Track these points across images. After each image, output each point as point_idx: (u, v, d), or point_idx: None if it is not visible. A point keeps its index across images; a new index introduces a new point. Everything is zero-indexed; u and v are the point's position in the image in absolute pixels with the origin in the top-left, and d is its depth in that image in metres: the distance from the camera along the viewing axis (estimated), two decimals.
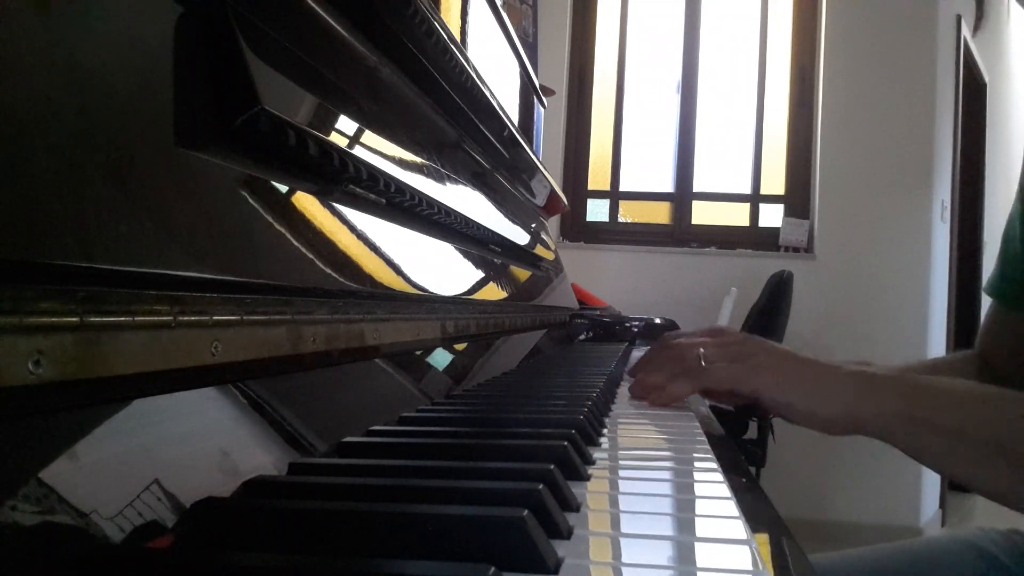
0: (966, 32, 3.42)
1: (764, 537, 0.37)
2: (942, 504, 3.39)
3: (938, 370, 0.93)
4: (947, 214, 3.33)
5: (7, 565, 0.23)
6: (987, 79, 4.01)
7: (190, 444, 0.34)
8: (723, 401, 0.75)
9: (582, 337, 1.78)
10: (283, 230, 0.42)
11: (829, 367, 0.64)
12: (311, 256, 0.45)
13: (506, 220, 1.07)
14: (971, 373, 0.90)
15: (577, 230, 3.50)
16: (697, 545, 0.33)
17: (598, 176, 3.54)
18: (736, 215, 3.47)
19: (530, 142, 1.37)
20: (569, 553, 0.30)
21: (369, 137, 0.57)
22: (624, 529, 0.36)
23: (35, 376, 0.25)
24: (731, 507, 0.38)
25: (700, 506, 0.39)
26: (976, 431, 0.58)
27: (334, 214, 0.50)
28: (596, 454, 0.50)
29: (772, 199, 3.42)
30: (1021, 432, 0.57)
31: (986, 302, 0.93)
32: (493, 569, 0.24)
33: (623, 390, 0.91)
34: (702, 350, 0.68)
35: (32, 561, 0.24)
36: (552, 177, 1.54)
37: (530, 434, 0.50)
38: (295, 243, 0.43)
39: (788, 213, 3.37)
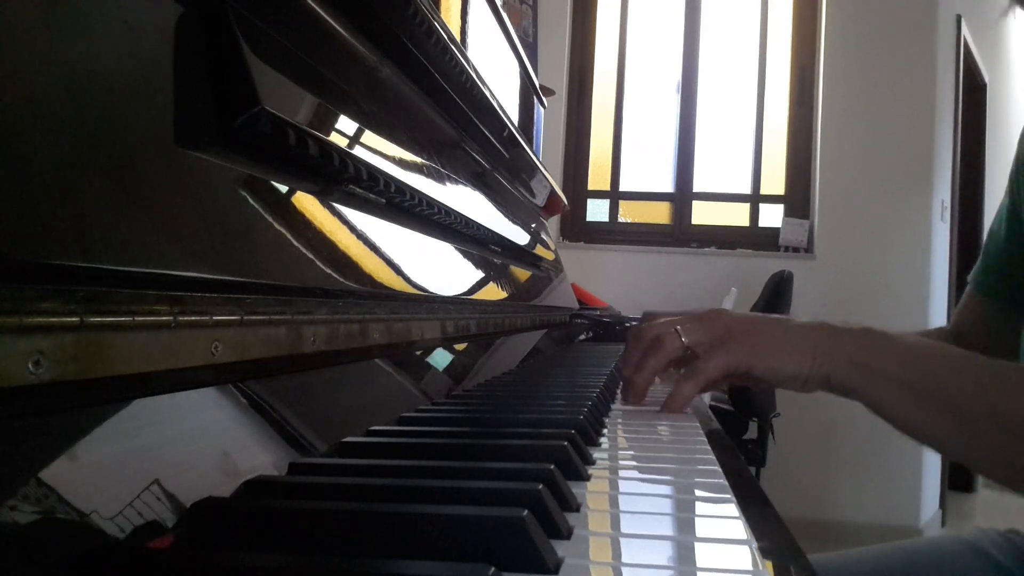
0: (966, 32, 3.42)
1: (764, 537, 0.37)
2: (942, 504, 3.39)
3: None
4: (947, 214, 3.33)
5: (7, 565, 0.23)
6: (987, 79, 4.00)
7: (190, 444, 0.34)
8: (717, 385, 0.74)
9: (582, 337, 1.78)
10: (283, 230, 0.42)
11: (795, 325, 0.65)
12: (311, 256, 0.45)
13: (506, 220, 1.07)
14: None
15: (577, 230, 3.50)
16: (697, 545, 0.33)
17: (598, 176, 3.54)
18: (736, 215, 3.46)
19: (530, 142, 1.37)
20: (569, 553, 0.30)
21: (369, 137, 0.57)
22: (624, 529, 0.36)
23: (35, 376, 0.25)
24: (731, 507, 0.38)
25: (700, 506, 0.39)
26: (930, 386, 0.59)
27: (334, 214, 0.50)
28: (596, 454, 0.50)
29: (772, 199, 3.42)
30: (973, 392, 0.58)
31: None
32: (493, 569, 0.24)
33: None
34: (679, 328, 0.67)
35: (32, 561, 0.24)
36: (552, 177, 1.54)
37: (530, 434, 0.50)
38: (295, 243, 0.43)
39: (788, 213, 3.37)
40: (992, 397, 0.58)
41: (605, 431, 0.60)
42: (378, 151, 0.58)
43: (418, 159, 0.68)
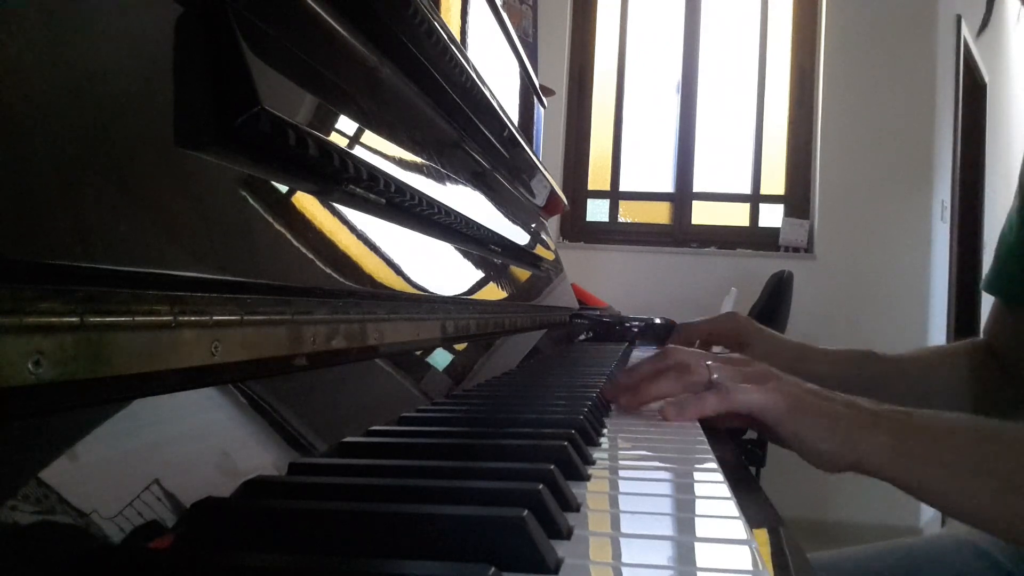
0: (966, 32, 3.42)
1: (764, 537, 0.37)
2: None
3: (942, 358, 0.94)
4: (947, 214, 3.34)
5: (7, 565, 0.23)
6: (987, 79, 4.01)
7: (190, 444, 0.34)
8: (720, 423, 0.68)
9: (582, 337, 1.78)
10: (283, 230, 0.42)
11: (828, 400, 0.61)
12: (311, 256, 0.45)
13: (506, 220, 1.07)
14: (976, 361, 0.90)
15: (577, 230, 3.50)
16: (697, 545, 0.33)
17: (598, 176, 3.54)
18: (736, 215, 3.47)
19: (530, 142, 1.37)
20: (569, 553, 0.30)
21: (369, 137, 0.57)
22: (624, 529, 0.36)
23: (35, 376, 0.25)
24: (731, 507, 0.38)
25: (700, 506, 0.39)
26: (973, 466, 0.57)
27: (334, 214, 0.50)
28: (596, 454, 0.50)
29: (772, 199, 3.42)
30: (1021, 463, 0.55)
31: (986, 301, 0.93)
32: (493, 569, 0.24)
33: None
34: (710, 364, 0.65)
35: (32, 561, 0.24)
36: (552, 177, 1.54)
37: (530, 434, 0.50)
38: (295, 243, 0.43)
39: (788, 213, 3.37)
40: None
41: (605, 431, 0.60)
42: (378, 151, 0.58)
43: (418, 159, 0.68)
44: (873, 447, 0.58)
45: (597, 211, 3.55)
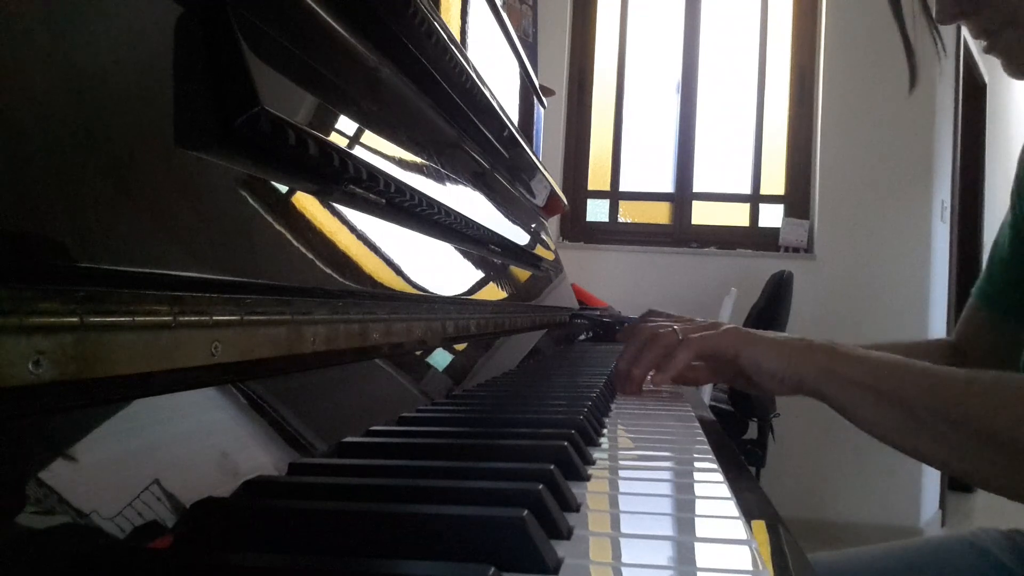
0: (966, 32, 3.41)
1: (764, 536, 0.37)
2: (942, 504, 3.39)
3: (911, 351, 0.95)
4: (947, 214, 3.33)
5: (7, 565, 0.23)
6: (987, 79, 4.00)
7: (190, 444, 0.34)
8: (700, 380, 0.82)
9: (582, 337, 1.78)
10: (283, 230, 0.42)
11: (780, 335, 0.74)
12: (311, 256, 0.45)
13: (506, 220, 1.07)
14: (942, 359, 0.92)
15: (577, 230, 3.50)
16: (697, 545, 0.33)
17: (598, 176, 3.54)
18: (736, 215, 3.46)
19: (530, 142, 1.37)
20: (569, 553, 0.30)
21: (369, 137, 0.57)
22: (624, 529, 0.36)
23: (35, 376, 0.25)
24: (731, 507, 0.38)
25: (700, 506, 0.39)
26: (887, 387, 0.64)
27: (334, 214, 0.50)
28: (596, 454, 0.50)
29: (772, 199, 3.42)
30: (925, 390, 0.62)
31: None
32: (493, 569, 0.24)
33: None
34: (675, 327, 0.77)
35: (32, 561, 0.24)
36: (552, 177, 1.54)
37: (530, 434, 0.50)
38: (295, 243, 0.43)
39: (788, 213, 3.37)
40: (941, 394, 0.61)
41: (605, 431, 0.60)
42: (378, 151, 0.58)
43: (418, 159, 0.68)
44: (809, 367, 0.68)
45: (597, 211, 3.55)
